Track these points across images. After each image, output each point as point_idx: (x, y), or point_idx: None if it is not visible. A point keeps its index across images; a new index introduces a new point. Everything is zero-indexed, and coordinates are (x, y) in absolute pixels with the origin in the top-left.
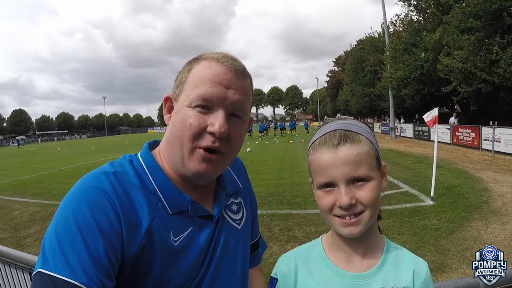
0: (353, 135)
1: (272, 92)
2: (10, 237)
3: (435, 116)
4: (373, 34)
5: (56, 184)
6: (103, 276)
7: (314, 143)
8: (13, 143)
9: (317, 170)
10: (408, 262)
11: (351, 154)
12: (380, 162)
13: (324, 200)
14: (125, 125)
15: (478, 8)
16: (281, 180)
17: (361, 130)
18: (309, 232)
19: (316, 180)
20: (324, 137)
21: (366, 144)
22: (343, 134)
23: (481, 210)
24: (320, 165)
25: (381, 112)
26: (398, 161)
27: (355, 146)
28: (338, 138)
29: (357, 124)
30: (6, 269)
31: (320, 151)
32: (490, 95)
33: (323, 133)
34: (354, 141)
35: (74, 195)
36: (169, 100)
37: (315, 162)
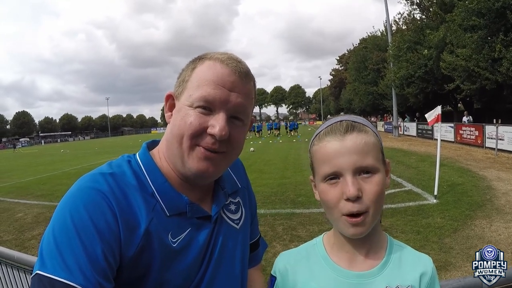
0: (359, 126)
1: (275, 92)
2: (14, 239)
3: (438, 114)
4: (375, 33)
5: (59, 185)
6: (101, 277)
7: (320, 133)
8: (17, 145)
9: (323, 159)
10: (413, 260)
11: (358, 142)
12: (385, 158)
13: (329, 194)
14: (128, 126)
15: (482, 6)
16: (285, 180)
17: (367, 123)
18: (312, 231)
19: (320, 171)
20: (331, 127)
21: (373, 135)
22: (349, 124)
23: (485, 208)
24: (327, 154)
25: (384, 110)
26: (401, 160)
27: (363, 135)
28: (345, 127)
29: (362, 118)
30: (9, 271)
31: (326, 139)
32: (493, 93)
33: (329, 124)
34: (361, 130)
35: (71, 196)
36: (171, 98)
37: (320, 152)
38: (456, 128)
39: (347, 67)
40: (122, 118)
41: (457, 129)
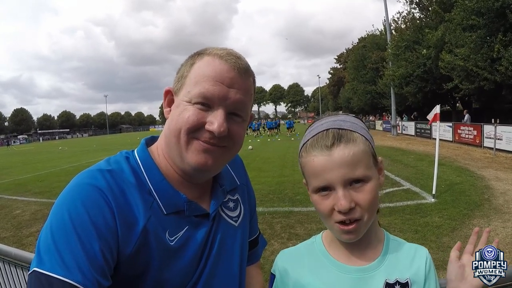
0: (347, 134)
1: (274, 90)
2: (12, 236)
3: (436, 113)
4: (374, 32)
5: (57, 182)
6: (98, 274)
7: (306, 144)
8: (14, 142)
9: (311, 174)
10: (409, 252)
11: (346, 155)
12: (377, 158)
13: (322, 205)
14: (126, 124)
15: (481, 5)
16: (283, 178)
17: (355, 127)
18: (310, 230)
19: (311, 183)
20: (316, 138)
21: (362, 142)
22: (336, 133)
23: (483, 207)
24: (314, 169)
25: (383, 109)
26: (400, 159)
27: (350, 146)
28: (331, 139)
29: (350, 120)
30: (6, 268)
31: (313, 154)
32: (492, 92)
33: (315, 133)
34: (349, 140)
35: (69, 193)
36: (170, 94)
37: (308, 165)
38: (455, 127)
39: (346, 66)
40: (120, 115)
41: (456, 129)
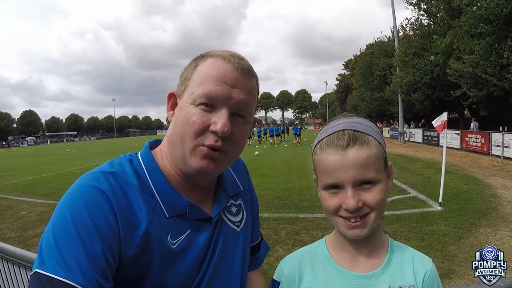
0: (362, 136)
1: (281, 96)
2: (17, 237)
3: (444, 121)
4: (382, 39)
5: (64, 184)
6: (100, 276)
7: (322, 141)
8: (22, 143)
9: (324, 171)
10: (413, 260)
11: (360, 156)
12: (387, 163)
13: (329, 201)
14: (134, 127)
15: (490, 12)
16: (289, 184)
17: (370, 131)
18: (315, 236)
19: (322, 180)
20: (332, 137)
21: (375, 146)
22: (351, 134)
23: (490, 216)
24: (327, 166)
25: (390, 116)
26: (406, 166)
27: (364, 149)
28: (347, 139)
29: (365, 124)
30: (10, 267)
31: (328, 152)
32: (500, 100)
33: (331, 132)
34: (363, 143)
35: (72, 194)
36: (173, 97)
37: (321, 163)
38: (462, 135)
39: (353, 73)
40: (128, 119)
41: (463, 136)
